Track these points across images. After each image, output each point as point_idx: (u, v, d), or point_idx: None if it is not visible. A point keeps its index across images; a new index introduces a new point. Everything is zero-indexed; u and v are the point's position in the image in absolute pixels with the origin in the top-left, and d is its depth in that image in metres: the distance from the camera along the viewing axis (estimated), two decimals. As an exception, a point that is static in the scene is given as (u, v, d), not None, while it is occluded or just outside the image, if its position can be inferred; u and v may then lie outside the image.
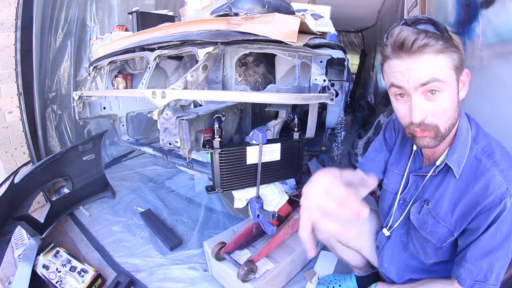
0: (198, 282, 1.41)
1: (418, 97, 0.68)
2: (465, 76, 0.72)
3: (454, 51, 0.67)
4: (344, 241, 1.14)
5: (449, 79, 0.67)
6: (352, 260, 1.19)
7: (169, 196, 2.24)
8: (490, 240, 0.71)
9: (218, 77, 1.10)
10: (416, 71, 0.66)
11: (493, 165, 0.71)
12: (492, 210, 0.70)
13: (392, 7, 3.51)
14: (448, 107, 0.69)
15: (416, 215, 0.86)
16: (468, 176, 0.75)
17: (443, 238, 0.80)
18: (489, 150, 0.73)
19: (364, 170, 1.04)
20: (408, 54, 0.66)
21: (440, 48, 0.65)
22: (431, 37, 0.64)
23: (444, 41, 0.65)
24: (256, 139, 1.06)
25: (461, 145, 0.76)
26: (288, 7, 1.43)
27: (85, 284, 1.34)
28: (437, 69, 0.65)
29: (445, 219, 0.79)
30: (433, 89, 0.66)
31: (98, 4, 2.70)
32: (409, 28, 0.66)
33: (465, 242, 0.76)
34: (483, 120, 0.83)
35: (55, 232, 1.78)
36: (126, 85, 1.85)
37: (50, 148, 2.41)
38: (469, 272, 0.74)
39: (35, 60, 2.08)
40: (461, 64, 0.69)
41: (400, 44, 0.66)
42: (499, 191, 0.69)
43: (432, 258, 0.85)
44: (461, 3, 1.39)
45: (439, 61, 0.65)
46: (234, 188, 1.11)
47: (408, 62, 0.66)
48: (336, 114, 1.90)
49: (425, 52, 0.65)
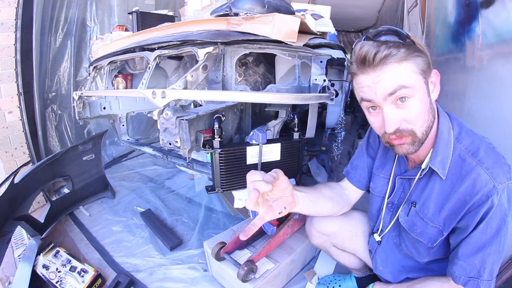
0: (198, 282, 1.41)
1: (388, 107, 0.69)
2: (434, 77, 0.72)
3: (418, 55, 0.68)
4: (339, 245, 1.14)
5: (416, 84, 0.68)
6: (349, 263, 1.20)
7: (169, 196, 2.24)
8: (480, 237, 0.71)
9: (218, 77, 1.10)
10: (382, 82, 0.67)
11: (477, 163, 0.71)
12: (480, 207, 0.70)
13: (392, 7, 3.51)
14: (420, 111, 0.70)
15: (405, 218, 0.87)
16: (453, 176, 0.75)
17: (434, 238, 0.81)
18: (473, 149, 0.73)
19: (349, 178, 1.06)
20: (372, 67, 0.67)
21: (402, 56, 0.66)
22: (391, 47, 0.66)
23: (406, 48, 0.66)
24: (256, 139, 1.06)
25: (444, 147, 0.76)
26: (288, 7, 1.43)
27: (85, 284, 1.34)
28: (402, 76, 0.67)
29: (433, 220, 0.79)
30: (401, 96, 0.68)
31: (98, 4, 2.70)
32: (369, 42, 0.68)
33: (456, 240, 0.77)
34: (483, 120, 0.83)
35: (55, 232, 1.78)
36: (126, 85, 1.86)
37: (50, 148, 2.41)
38: (462, 269, 0.74)
39: (35, 60, 2.08)
40: (428, 67, 0.70)
41: (362, 59, 0.68)
42: (486, 189, 0.69)
43: (425, 257, 0.86)
44: (461, 3, 1.38)
45: (403, 69, 0.67)
46: (234, 188, 1.11)
47: (373, 75, 0.68)
48: (336, 114, 1.90)
49: (388, 62, 0.66)
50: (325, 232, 1.11)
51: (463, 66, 1.35)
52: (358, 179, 1.03)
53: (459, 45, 1.40)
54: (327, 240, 1.14)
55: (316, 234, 1.14)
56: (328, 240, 1.13)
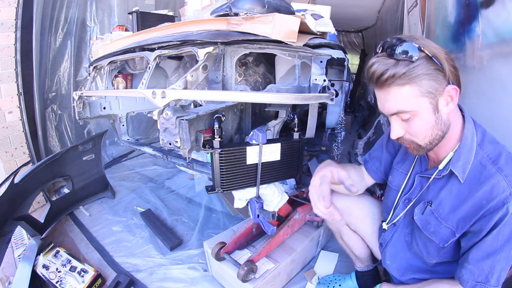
0: (198, 282, 1.41)
1: (394, 119, 0.76)
2: (452, 92, 0.72)
3: (426, 76, 0.68)
4: (352, 224, 1.15)
5: (418, 107, 0.71)
6: (356, 248, 1.20)
7: (169, 196, 2.24)
8: (492, 243, 0.72)
9: (218, 77, 1.10)
10: (387, 103, 0.74)
11: (497, 171, 0.73)
12: (495, 213, 0.71)
13: (392, 7, 3.51)
14: (422, 129, 0.74)
15: (419, 216, 0.88)
16: (472, 180, 0.76)
17: (445, 238, 0.81)
18: (494, 156, 0.75)
19: (367, 168, 1.11)
20: (379, 86, 0.73)
21: (406, 79, 0.68)
22: (400, 65, 0.68)
23: (415, 66, 0.67)
24: (256, 139, 1.06)
25: (466, 152, 0.77)
26: (288, 7, 1.43)
27: (85, 284, 1.34)
28: (402, 101, 0.71)
29: (447, 220, 0.80)
30: (402, 117, 0.74)
31: (98, 4, 2.70)
32: (380, 59, 0.71)
33: (468, 244, 0.77)
34: (483, 120, 0.83)
35: (55, 232, 1.78)
36: (126, 85, 1.85)
37: (50, 148, 2.41)
38: (471, 273, 0.75)
39: (35, 60, 2.08)
40: (439, 84, 0.70)
41: (370, 77, 0.73)
42: (503, 196, 0.70)
43: (434, 258, 0.87)
44: (461, 3, 1.38)
45: (404, 93, 0.70)
46: (234, 188, 1.11)
47: (380, 93, 0.74)
48: (336, 114, 1.90)
49: (391, 85, 0.70)
50: (341, 207, 1.11)
51: (463, 66, 1.34)
52: (374, 170, 1.08)
53: (459, 45, 1.40)
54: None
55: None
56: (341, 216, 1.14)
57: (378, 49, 0.74)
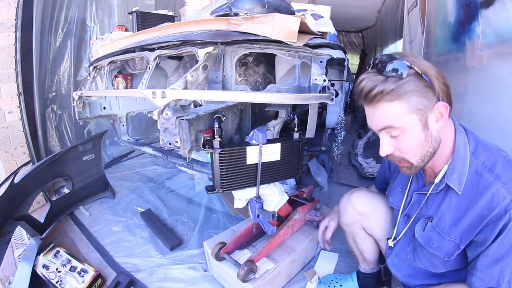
0: (198, 282, 1.41)
1: (383, 135, 0.76)
2: (442, 108, 0.72)
3: (414, 93, 0.69)
4: (369, 228, 1.14)
5: (406, 123, 0.71)
6: (368, 251, 1.19)
7: (169, 196, 2.24)
8: (498, 249, 0.72)
9: (218, 77, 1.10)
10: (375, 118, 0.74)
11: (495, 179, 0.72)
12: (498, 222, 0.71)
13: (392, 7, 3.52)
14: (411, 145, 0.74)
15: (421, 233, 0.88)
16: (470, 191, 0.76)
17: (450, 252, 0.81)
18: (490, 164, 0.74)
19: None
20: (368, 102, 0.73)
21: (395, 96, 0.68)
22: (389, 82, 0.68)
23: (404, 83, 0.68)
24: (256, 139, 1.06)
25: (460, 163, 0.77)
26: (288, 7, 1.43)
27: (85, 284, 1.34)
28: (390, 117, 0.71)
29: (450, 234, 0.80)
30: (390, 133, 0.74)
31: (98, 4, 2.70)
32: (369, 76, 0.71)
33: (474, 253, 0.77)
34: (483, 120, 0.83)
35: (55, 232, 1.78)
36: (126, 85, 1.85)
37: (50, 148, 2.41)
38: (481, 280, 0.76)
39: (35, 60, 2.08)
40: (428, 101, 0.70)
41: (359, 93, 0.73)
42: (504, 204, 0.70)
43: (441, 269, 0.87)
44: (461, 3, 1.38)
45: (392, 109, 0.70)
46: (234, 188, 1.11)
47: (369, 110, 0.75)
48: (336, 114, 1.90)
49: (380, 101, 0.70)
50: (361, 211, 1.11)
51: (463, 66, 1.35)
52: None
53: (459, 45, 1.40)
54: (359, 221, 1.13)
55: (352, 211, 1.13)
56: (360, 220, 1.13)
57: (368, 66, 0.75)
